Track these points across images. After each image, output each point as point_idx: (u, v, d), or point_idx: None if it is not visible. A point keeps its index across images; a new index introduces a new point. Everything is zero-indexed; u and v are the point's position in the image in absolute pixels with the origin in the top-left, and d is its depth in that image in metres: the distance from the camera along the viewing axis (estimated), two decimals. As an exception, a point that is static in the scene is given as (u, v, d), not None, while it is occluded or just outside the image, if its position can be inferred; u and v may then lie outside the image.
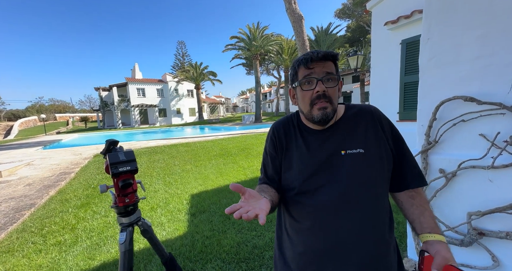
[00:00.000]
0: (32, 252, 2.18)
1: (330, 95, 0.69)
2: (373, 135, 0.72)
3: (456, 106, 1.49)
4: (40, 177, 4.79)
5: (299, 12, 10.02)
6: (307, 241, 0.73)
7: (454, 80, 1.49)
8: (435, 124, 1.61)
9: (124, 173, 0.85)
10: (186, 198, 3.44)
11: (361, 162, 0.69)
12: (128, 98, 28.44)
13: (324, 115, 0.69)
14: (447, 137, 1.57)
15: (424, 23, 1.70)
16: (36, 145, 11.39)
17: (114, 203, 0.89)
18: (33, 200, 3.48)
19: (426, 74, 1.70)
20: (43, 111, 45.67)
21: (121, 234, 0.88)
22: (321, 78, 0.68)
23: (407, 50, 3.42)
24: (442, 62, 1.57)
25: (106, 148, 0.88)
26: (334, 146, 0.72)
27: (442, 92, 1.57)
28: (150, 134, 17.59)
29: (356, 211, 0.68)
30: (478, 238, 1.40)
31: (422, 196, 0.76)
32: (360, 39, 26.51)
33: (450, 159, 1.54)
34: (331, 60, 0.70)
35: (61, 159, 6.67)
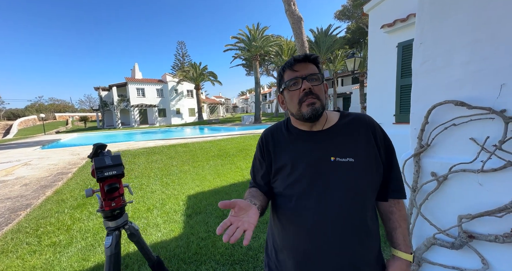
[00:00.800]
0: (27, 253, 2.18)
1: (317, 92, 0.71)
2: (365, 145, 0.73)
3: (448, 110, 1.50)
4: (37, 177, 4.79)
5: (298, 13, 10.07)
6: (290, 245, 0.74)
7: (446, 84, 1.50)
8: (427, 128, 1.63)
9: (110, 178, 0.86)
10: (182, 199, 3.45)
11: (350, 171, 0.70)
12: (127, 98, 28.45)
13: (314, 110, 0.70)
14: (439, 140, 1.59)
15: (417, 28, 1.71)
16: (35, 144, 11.38)
17: (101, 207, 0.90)
18: (29, 200, 3.48)
19: (419, 78, 1.71)
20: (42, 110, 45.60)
21: (107, 238, 0.88)
22: (306, 77, 0.71)
23: (403, 53, 3.44)
24: (435, 66, 1.59)
25: (94, 152, 0.88)
26: (324, 151, 0.73)
27: (434, 96, 1.58)
28: (149, 134, 17.59)
29: (339, 219, 0.68)
30: (468, 241, 1.41)
31: (401, 212, 0.78)
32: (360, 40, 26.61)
33: (442, 163, 1.56)
34: (312, 63, 0.74)
35: (59, 159, 6.66)
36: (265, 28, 24.43)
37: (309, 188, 0.70)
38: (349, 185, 0.69)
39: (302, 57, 0.72)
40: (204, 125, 25.71)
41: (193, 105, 34.19)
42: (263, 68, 30.90)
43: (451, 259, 1.53)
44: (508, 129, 1.25)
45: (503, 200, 1.27)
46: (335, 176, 0.70)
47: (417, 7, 1.69)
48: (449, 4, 1.49)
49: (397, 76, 3.51)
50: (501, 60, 1.29)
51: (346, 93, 31.02)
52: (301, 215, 0.70)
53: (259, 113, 24.30)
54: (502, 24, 1.27)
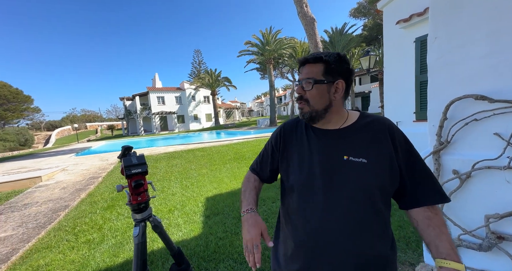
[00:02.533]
0: (66, 249, 2.43)
1: (307, 97, 0.74)
2: (380, 147, 0.71)
3: (467, 105, 1.44)
4: (73, 181, 5.26)
5: (311, 15, 10.02)
6: (295, 237, 0.75)
7: (463, 79, 1.45)
8: (446, 124, 1.57)
9: (136, 175, 0.97)
10: (201, 200, 3.58)
11: (361, 171, 0.68)
12: (149, 106, 30.08)
13: (301, 115, 0.77)
14: (459, 137, 1.52)
15: (430, 22, 1.67)
16: (70, 152, 12.47)
17: (129, 201, 1.02)
18: (67, 202, 3.84)
19: (435, 73, 1.67)
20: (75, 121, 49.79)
21: (135, 228, 1.00)
22: (299, 82, 0.74)
23: (421, 48, 3.31)
24: (451, 61, 1.54)
25: (122, 153, 1.01)
26: (337, 149, 0.73)
27: (452, 91, 1.53)
28: (169, 140, 18.37)
29: (346, 217, 0.68)
30: (497, 242, 1.33)
31: (439, 217, 0.70)
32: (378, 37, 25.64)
33: (464, 160, 1.49)
34: (316, 62, 0.73)
35: (90, 165, 7.25)
36: (278, 32, 24.58)
37: (319, 184, 0.71)
38: (359, 185, 0.68)
39: (301, 60, 0.75)
40: (221, 129, 26.27)
41: (209, 110, 35.16)
42: (277, 71, 30.96)
43: (479, 262, 1.44)
44: (534, 122, 1.17)
45: (533, 198, 1.19)
46: (346, 175, 0.69)
47: (430, 1, 1.66)
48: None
49: (416, 72, 3.37)
50: None
51: (365, 92, 29.89)
52: (309, 210, 0.71)
53: (274, 116, 24.30)
54: None
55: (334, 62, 0.72)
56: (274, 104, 24.71)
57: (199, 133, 23.89)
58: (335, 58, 0.73)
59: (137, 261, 0.95)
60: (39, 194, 4.44)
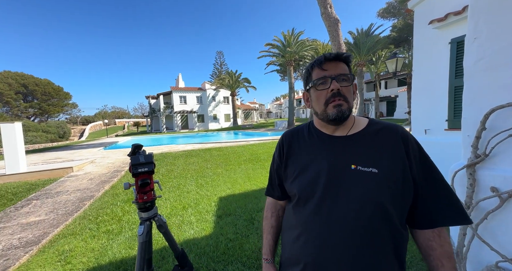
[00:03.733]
0: (88, 237, 2.59)
1: (345, 93, 0.68)
2: (392, 157, 0.65)
3: (511, 114, 1.27)
4: (99, 173, 5.65)
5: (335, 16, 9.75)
6: (294, 249, 0.71)
7: (505, 85, 1.28)
8: (484, 135, 1.40)
9: (142, 174, 0.99)
10: (214, 200, 3.62)
11: (371, 183, 0.63)
12: (172, 105, 31.44)
13: (340, 112, 0.67)
14: (501, 150, 1.35)
15: (470, 21, 1.52)
16: (99, 146, 13.44)
17: (135, 199, 1.05)
18: (93, 192, 4.12)
19: (473, 77, 1.50)
20: (106, 117, 53.73)
21: (140, 227, 1.02)
22: (335, 77, 0.68)
23: (457, 49, 3.03)
24: (492, 64, 1.37)
25: (132, 151, 1.04)
26: (345, 158, 0.68)
27: (492, 98, 1.37)
28: (189, 138, 19.00)
29: (353, 231, 0.62)
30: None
31: (443, 248, 0.64)
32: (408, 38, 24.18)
33: (506, 176, 1.31)
34: (343, 61, 0.70)
35: (115, 159, 7.73)
36: (300, 33, 24.27)
37: (324, 195, 0.66)
38: (368, 197, 0.62)
39: (333, 55, 0.69)
40: (239, 130, 26.56)
41: (228, 111, 35.77)
42: (297, 73, 30.59)
43: (520, 295, 1.26)
44: None
45: None
46: (354, 186, 0.64)
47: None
48: (511, -8, 1.28)
49: (450, 76, 3.10)
50: None
51: (391, 96, 28.31)
52: (312, 222, 0.67)
53: (292, 118, 23.98)
54: None
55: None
56: (293, 106, 24.40)
57: (218, 132, 24.39)
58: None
59: (140, 260, 0.97)
60: (69, 184, 4.82)
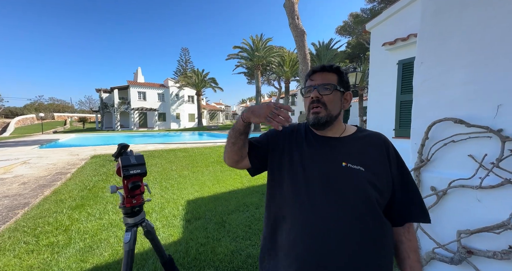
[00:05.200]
0: (24, 252, 2.15)
1: (325, 101, 0.75)
2: (377, 159, 0.75)
3: (447, 127, 1.57)
4: (35, 176, 4.75)
5: (301, 27, 10.41)
6: (292, 247, 0.72)
7: (445, 103, 1.58)
8: (427, 143, 1.69)
9: (134, 176, 0.90)
10: (182, 204, 3.44)
11: (359, 179, 0.71)
12: (128, 101, 28.58)
13: (316, 119, 0.75)
14: (438, 156, 1.64)
15: (418, 48, 1.82)
16: (33, 143, 11.30)
17: (122, 204, 0.94)
18: (28, 199, 3.44)
19: (419, 95, 1.80)
20: (41, 109, 45.45)
21: (126, 233, 0.92)
22: (317, 86, 0.75)
23: (403, 70, 3.57)
24: (434, 85, 1.67)
25: (118, 152, 0.93)
26: (336, 156, 0.75)
27: (433, 113, 1.66)
28: (148, 138, 17.56)
29: (345, 223, 0.67)
30: (467, 256, 1.44)
31: (411, 242, 0.76)
32: (360, 55, 27.29)
33: (441, 178, 1.61)
34: (332, 72, 0.78)
35: (58, 159, 6.62)
36: (268, 39, 25.07)
37: (319, 189, 0.71)
38: (357, 191, 0.70)
39: (319, 67, 0.78)
40: (204, 131, 25.74)
41: (193, 110, 34.38)
42: (264, 78, 31.39)
43: (450, 274, 1.55)
44: (505, 147, 1.31)
45: (501, 217, 1.31)
46: (345, 181, 0.71)
47: (419, 29, 1.80)
48: (448, 27, 1.59)
49: (397, 92, 3.62)
50: (497, 82, 1.36)
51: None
52: (308, 214, 0.70)
53: (259, 121, 24.43)
54: (499, 48, 1.35)
55: (345, 75, 0.80)
56: (259, 109, 24.88)
57: (181, 133, 23.17)
58: (345, 72, 0.81)
59: (127, 269, 0.87)
60: (-8, 189, 3.93)
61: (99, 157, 6.71)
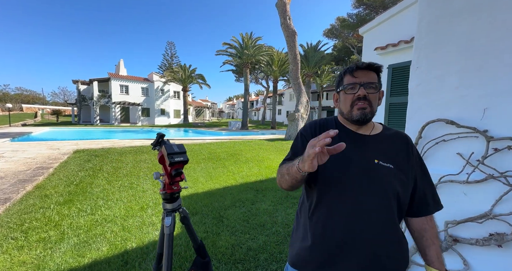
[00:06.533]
0: (13, 248, 2.03)
1: (370, 99, 0.79)
2: (405, 158, 0.81)
3: (439, 127, 1.73)
4: (13, 170, 4.41)
5: (293, 28, 10.56)
6: (326, 233, 0.78)
7: (437, 105, 1.74)
8: (420, 142, 1.84)
9: (178, 163, 0.92)
10: (176, 199, 3.40)
11: (389, 175, 0.77)
12: (109, 94, 27.15)
13: (363, 114, 0.78)
14: (430, 153, 1.81)
15: (414, 54, 1.97)
16: (2, 136, 10.40)
17: (163, 189, 0.98)
18: (8, 194, 3.21)
19: (414, 97, 1.95)
20: (7, 100, 41.54)
21: (167, 218, 0.95)
22: (363, 84, 0.78)
23: (393, 74, 3.80)
24: (428, 88, 1.83)
25: (157, 141, 0.97)
26: (370, 153, 0.80)
27: (427, 114, 1.81)
28: (131, 133, 16.87)
29: (377, 214, 0.75)
30: (453, 244, 1.61)
31: (433, 230, 0.84)
32: (345, 58, 28.20)
33: (433, 174, 1.72)
34: (374, 71, 0.81)
35: (36, 153, 6.18)
36: (258, 38, 25.06)
37: (354, 182, 0.76)
38: (387, 186, 0.76)
39: (365, 65, 0.79)
40: (190, 127, 25.25)
41: (179, 106, 33.50)
42: (252, 76, 31.39)
43: (438, 259, 1.71)
44: (489, 146, 1.48)
45: (483, 208, 1.49)
46: (378, 178, 0.77)
47: (415, 36, 1.94)
48: (442, 35, 1.74)
49: (387, 94, 3.84)
50: (485, 87, 1.53)
51: (330, 107, 32.39)
52: (343, 205, 0.77)
53: (246, 119, 24.45)
54: (487, 56, 1.51)
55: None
56: (247, 108, 24.89)
57: (166, 129, 22.51)
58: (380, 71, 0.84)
59: (169, 252, 0.95)
60: (-37, 184, 3.59)
61: (82, 151, 6.36)
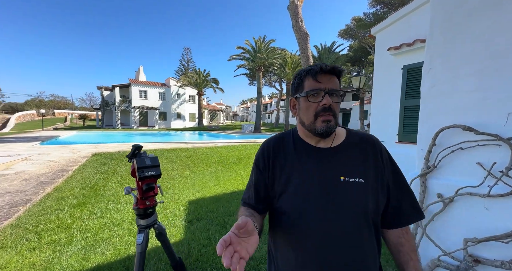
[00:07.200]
0: (26, 250, 2.15)
1: (335, 109, 0.69)
2: (373, 166, 0.71)
3: (455, 133, 1.57)
4: (37, 173, 4.74)
5: (305, 30, 10.43)
6: (294, 267, 0.69)
7: (452, 109, 1.57)
8: (434, 149, 1.68)
9: (149, 178, 0.90)
10: (183, 204, 3.43)
11: (359, 192, 0.67)
12: (129, 99, 28.60)
13: (328, 128, 0.68)
14: (445, 162, 1.64)
15: (426, 54, 1.81)
16: (34, 140, 11.29)
17: (135, 205, 0.94)
18: (29, 196, 3.43)
19: (427, 101, 1.79)
20: (42, 106, 45.46)
21: (139, 235, 0.92)
22: (328, 91, 0.67)
23: (408, 75, 3.58)
24: (442, 91, 1.67)
25: (132, 153, 0.93)
26: (333, 170, 0.70)
27: (441, 119, 1.65)
28: (148, 137, 17.55)
29: (347, 240, 0.66)
30: (473, 265, 1.43)
31: (410, 244, 0.73)
32: (362, 59, 27.33)
33: (448, 184, 1.60)
34: (336, 76, 0.70)
35: (59, 156, 6.61)
36: (271, 41, 25.14)
37: (317, 208, 0.67)
38: (358, 206, 0.67)
39: (329, 68, 0.67)
40: (204, 130, 25.75)
41: (194, 110, 34.40)
42: (266, 79, 31.43)
43: (456, 282, 1.53)
44: (514, 156, 1.30)
45: (509, 226, 1.30)
46: (344, 197, 0.67)
47: (427, 35, 1.80)
48: (457, 33, 1.58)
49: (402, 96, 3.62)
50: (506, 90, 1.35)
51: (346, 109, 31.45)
52: (308, 236, 0.68)
53: (259, 122, 24.45)
54: (508, 57, 1.34)
55: None
56: (260, 111, 24.91)
57: (181, 132, 23.17)
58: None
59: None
60: (-7, 185, 3.91)
61: (100, 155, 6.69)
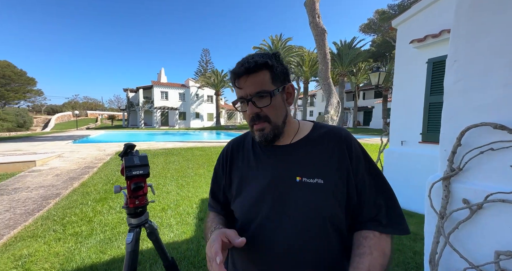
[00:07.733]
0: (52, 240, 2.34)
1: (267, 113, 0.61)
2: (337, 164, 0.62)
3: (484, 133, 1.40)
4: (67, 169, 5.18)
5: (322, 26, 10.13)
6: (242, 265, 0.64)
7: (481, 106, 1.41)
8: (459, 150, 1.52)
9: (137, 177, 0.92)
10: (196, 201, 3.51)
11: (318, 194, 0.59)
12: (152, 100, 30.13)
13: (262, 137, 0.62)
14: (473, 165, 1.47)
15: (451, 45, 1.65)
16: (68, 138, 12.38)
17: (125, 204, 0.97)
18: (59, 190, 3.76)
19: (451, 97, 1.63)
20: (77, 107, 49.78)
21: (129, 234, 0.94)
22: (251, 99, 0.59)
23: (433, 69, 3.30)
24: (469, 86, 1.50)
25: (124, 151, 0.95)
26: (289, 170, 0.63)
27: (467, 117, 1.49)
28: (169, 136, 18.31)
29: (304, 247, 0.58)
30: (505, 280, 1.27)
31: (379, 240, 0.58)
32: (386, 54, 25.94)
33: (476, 190, 1.44)
34: (260, 70, 0.58)
35: (87, 154, 7.16)
36: (288, 39, 24.84)
37: (270, 211, 0.61)
38: (315, 210, 0.59)
39: (242, 70, 0.58)
40: (221, 130, 26.24)
41: (212, 110, 35.22)
42: (283, 78, 31.16)
43: (484, 299, 1.37)
44: (557, 159, 1.12)
45: (549, 238, 1.14)
46: (301, 199, 0.60)
47: (452, 23, 1.62)
48: (486, 22, 1.41)
49: (426, 92, 3.36)
50: None
51: (368, 107, 30.06)
52: (256, 243, 0.61)
53: (276, 121, 24.34)
54: None
55: (278, 64, 0.61)
56: (277, 110, 24.79)
57: (199, 131, 23.88)
58: (277, 60, 0.62)
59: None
60: (31, 179, 4.35)
61: (123, 153, 7.12)
